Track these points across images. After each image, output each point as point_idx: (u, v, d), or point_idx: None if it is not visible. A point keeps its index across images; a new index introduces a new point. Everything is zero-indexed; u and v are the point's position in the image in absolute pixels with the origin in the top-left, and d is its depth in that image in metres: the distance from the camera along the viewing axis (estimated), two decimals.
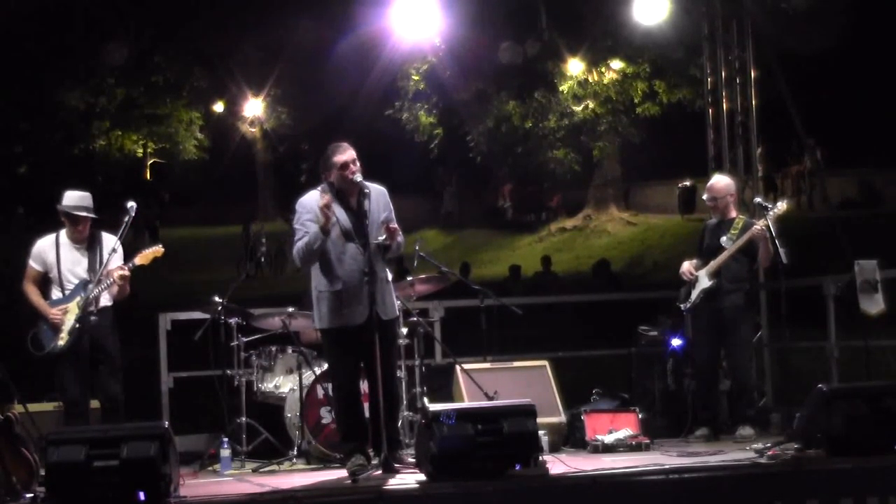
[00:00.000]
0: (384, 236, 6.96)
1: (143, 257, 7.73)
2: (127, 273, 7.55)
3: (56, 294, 7.61)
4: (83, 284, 7.57)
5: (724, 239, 8.59)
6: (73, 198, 7.66)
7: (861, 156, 26.03)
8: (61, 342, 7.45)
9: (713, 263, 8.58)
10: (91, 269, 7.61)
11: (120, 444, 5.84)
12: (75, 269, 7.61)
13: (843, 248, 9.75)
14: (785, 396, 9.43)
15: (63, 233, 7.70)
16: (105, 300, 7.64)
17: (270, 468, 7.84)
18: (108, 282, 7.54)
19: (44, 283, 7.67)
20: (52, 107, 29.00)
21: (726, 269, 8.55)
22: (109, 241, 7.72)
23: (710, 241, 8.73)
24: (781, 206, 8.39)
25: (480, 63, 23.66)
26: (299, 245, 7.00)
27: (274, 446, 8.30)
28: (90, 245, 7.67)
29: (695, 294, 8.66)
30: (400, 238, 7.09)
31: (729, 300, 8.55)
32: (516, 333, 9.85)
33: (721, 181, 8.90)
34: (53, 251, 7.63)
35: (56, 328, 7.47)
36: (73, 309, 7.52)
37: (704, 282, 8.61)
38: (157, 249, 7.78)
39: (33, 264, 7.67)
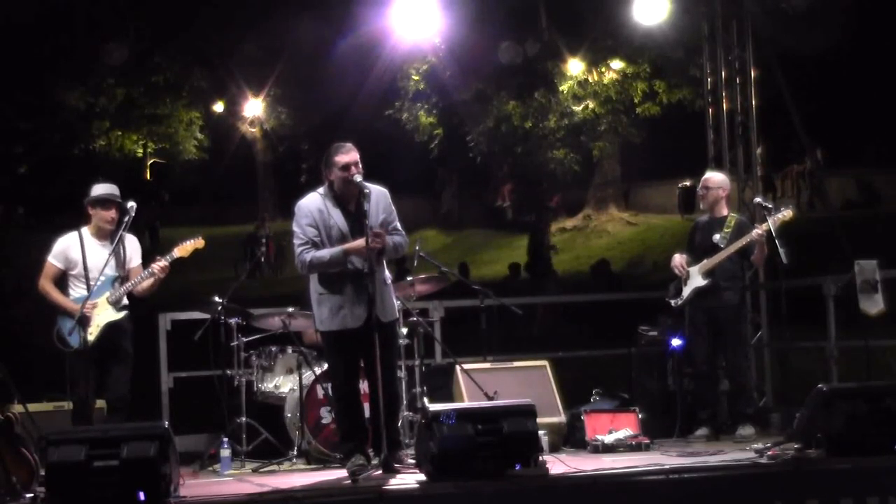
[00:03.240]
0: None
1: (183, 249, 7.70)
2: (167, 266, 7.54)
3: (79, 291, 7.54)
4: (111, 281, 7.55)
5: (717, 237, 8.59)
6: (102, 187, 7.66)
7: (861, 156, 26.05)
8: (91, 337, 7.39)
9: (707, 262, 8.57)
10: (119, 266, 7.58)
11: (120, 444, 5.84)
12: (101, 266, 7.53)
13: (843, 248, 9.75)
14: (785, 396, 9.43)
15: (85, 230, 7.65)
16: (125, 300, 7.64)
17: (270, 468, 7.84)
18: (141, 276, 7.51)
19: (60, 280, 7.62)
20: (52, 107, 28.96)
21: (720, 268, 8.55)
22: (132, 240, 7.72)
23: (702, 238, 8.73)
24: (787, 212, 8.35)
25: (480, 63, 23.62)
26: (312, 258, 6.95)
27: (274, 446, 8.30)
28: (113, 242, 7.61)
29: (686, 291, 8.66)
30: (398, 239, 7.08)
31: (723, 299, 8.55)
32: (516, 334, 9.85)
33: (717, 176, 8.98)
34: (78, 248, 7.57)
35: (85, 323, 7.37)
36: (103, 304, 7.50)
37: (698, 280, 8.61)
38: (197, 241, 7.75)
39: (54, 262, 7.60)
